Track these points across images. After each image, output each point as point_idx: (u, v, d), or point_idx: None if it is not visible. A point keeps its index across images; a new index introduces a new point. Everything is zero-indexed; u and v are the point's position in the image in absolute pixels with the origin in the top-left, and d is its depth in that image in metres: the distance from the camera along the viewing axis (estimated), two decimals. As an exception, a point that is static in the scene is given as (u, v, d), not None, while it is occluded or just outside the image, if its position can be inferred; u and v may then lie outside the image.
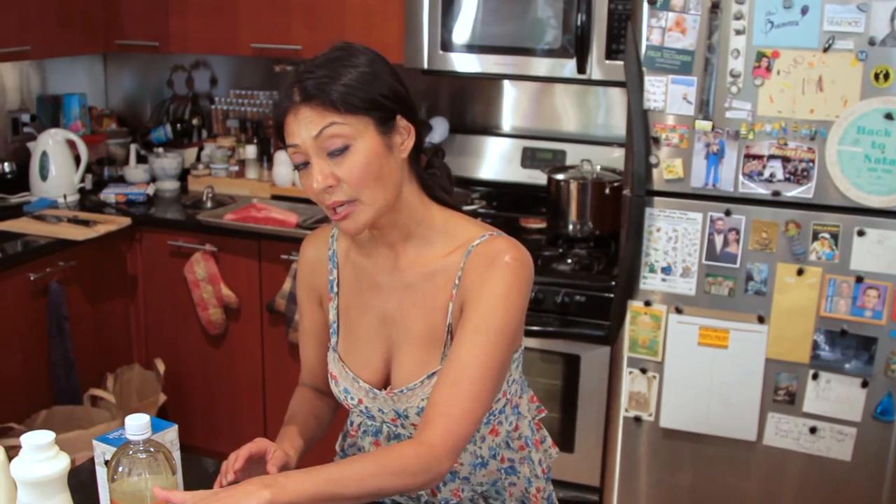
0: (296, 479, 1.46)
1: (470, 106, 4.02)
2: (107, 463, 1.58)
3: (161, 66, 4.52)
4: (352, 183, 1.58)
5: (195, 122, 4.39)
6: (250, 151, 4.11)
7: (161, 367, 3.70)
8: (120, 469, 1.43)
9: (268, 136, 4.16)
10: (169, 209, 3.92)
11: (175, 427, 1.66)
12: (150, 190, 4.01)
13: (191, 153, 4.30)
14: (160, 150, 4.22)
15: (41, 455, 1.35)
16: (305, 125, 1.57)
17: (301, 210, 3.72)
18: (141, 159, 4.24)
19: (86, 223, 3.57)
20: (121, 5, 4.00)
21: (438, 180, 1.77)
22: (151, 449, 1.44)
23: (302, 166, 1.62)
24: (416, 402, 1.70)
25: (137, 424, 1.42)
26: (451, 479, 1.78)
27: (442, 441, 1.56)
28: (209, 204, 3.89)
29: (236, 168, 4.14)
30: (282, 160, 3.99)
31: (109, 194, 3.95)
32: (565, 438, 3.21)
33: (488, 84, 3.94)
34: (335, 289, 1.82)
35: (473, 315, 1.62)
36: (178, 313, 3.79)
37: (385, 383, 1.77)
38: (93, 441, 1.59)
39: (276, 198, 3.97)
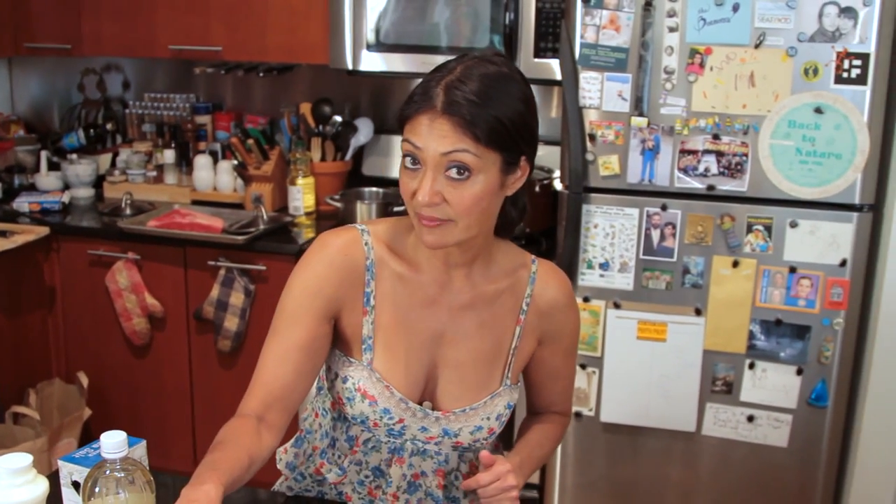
0: (526, 458, 1.81)
1: (394, 106, 3.99)
2: (75, 484, 1.51)
3: (70, 70, 4.38)
4: (457, 209, 1.51)
5: (109, 126, 4.26)
6: (168, 156, 4.01)
7: (84, 380, 3.58)
8: (97, 489, 1.37)
9: (186, 140, 4.07)
10: (86, 217, 3.79)
11: (143, 443, 1.61)
12: (66, 198, 3.88)
13: (105, 159, 4.17)
14: (73, 156, 4.09)
15: (20, 479, 1.29)
16: (438, 138, 1.48)
17: (226, 215, 3.64)
18: (52, 166, 4.10)
19: (2, 234, 3.44)
20: (30, 7, 3.86)
21: (512, 212, 1.70)
22: (129, 467, 1.39)
23: (411, 164, 1.53)
24: (476, 420, 1.70)
25: (114, 442, 1.37)
26: (471, 493, 1.73)
27: (569, 415, 1.99)
28: (128, 211, 3.78)
29: (154, 173, 4.04)
30: (202, 164, 3.90)
31: (23, 203, 3.80)
32: (502, 435, 3.20)
33: (411, 83, 3.91)
34: (371, 302, 1.68)
35: (569, 342, 1.85)
36: (100, 324, 3.68)
37: (422, 400, 1.71)
38: (58, 461, 1.53)
39: (196, 203, 3.88)
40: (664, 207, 2.86)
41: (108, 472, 1.38)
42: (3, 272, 3.46)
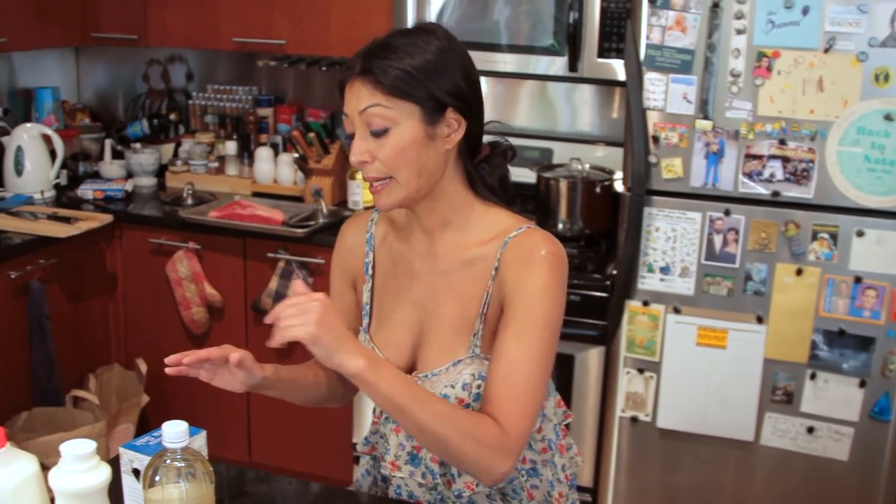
0: (390, 372, 1.56)
1: (455, 103, 3.97)
2: (136, 471, 1.53)
3: (135, 60, 4.43)
4: (385, 163, 1.62)
5: (172, 117, 4.30)
6: (230, 148, 4.04)
7: (143, 367, 3.62)
8: (157, 478, 1.38)
9: (248, 132, 4.10)
10: (148, 206, 3.84)
11: (203, 433, 1.62)
12: (129, 186, 3.93)
13: (168, 149, 4.22)
14: (137, 145, 4.14)
15: (83, 465, 1.30)
16: (356, 98, 1.61)
17: (286, 207, 3.66)
18: (116, 155, 4.15)
19: (67, 220, 3.49)
20: (98, -3, 3.92)
21: (486, 177, 1.76)
22: (189, 457, 1.40)
23: (350, 136, 1.66)
24: (438, 388, 1.70)
25: (176, 432, 1.38)
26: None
27: (507, 434, 1.58)
28: (189, 201, 3.82)
29: (216, 164, 4.07)
30: (263, 157, 3.93)
31: (87, 190, 3.86)
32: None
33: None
34: (370, 271, 1.84)
35: (516, 312, 1.63)
36: (159, 312, 3.72)
37: (412, 368, 1.77)
38: (120, 448, 1.54)
39: (256, 195, 3.91)
40: (727, 212, 2.82)
41: (168, 462, 1.39)
42: (67, 258, 3.51)
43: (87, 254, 3.61)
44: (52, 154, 3.90)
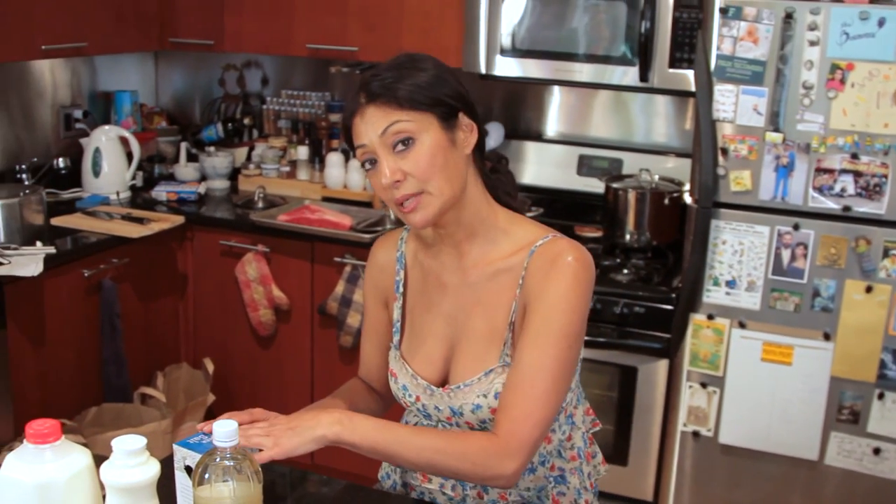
0: (365, 425, 1.60)
1: (524, 111, 3.98)
2: (188, 468, 1.55)
3: (212, 65, 4.51)
4: (418, 174, 1.62)
5: (246, 121, 4.37)
6: (302, 152, 4.09)
7: (210, 366, 3.68)
8: (207, 476, 1.40)
9: (320, 137, 4.14)
10: (220, 208, 3.90)
11: (255, 433, 1.63)
12: (202, 188, 4.00)
13: (241, 152, 4.29)
14: (211, 148, 4.21)
15: (133, 460, 1.32)
16: (371, 124, 1.62)
17: (354, 213, 3.70)
18: (191, 158, 4.23)
19: (139, 221, 3.56)
20: (176, 3, 3.99)
21: (503, 184, 1.80)
22: (238, 456, 1.42)
23: (370, 164, 1.65)
24: (471, 398, 1.71)
25: (226, 431, 1.39)
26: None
27: (505, 441, 1.60)
28: (260, 204, 3.87)
29: (287, 169, 4.13)
30: (334, 162, 3.97)
31: (161, 192, 3.94)
32: (619, 451, 3.17)
33: (543, 89, 3.90)
34: (401, 289, 1.85)
35: (535, 318, 1.64)
36: (227, 313, 3.78)
37: (444, 381, 1.79)
38: (174, 446, 1.57)
39: (327, 199, 3.95)
40: (796, 227, 2.78)
41: (217, 460, 1.40)
42: (139, 258, 3.58)
43: (158, 254, 3.68)
44: (129, 156, 3.99)
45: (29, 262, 3.06)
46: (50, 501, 1.32)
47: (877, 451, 2.80)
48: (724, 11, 2.75)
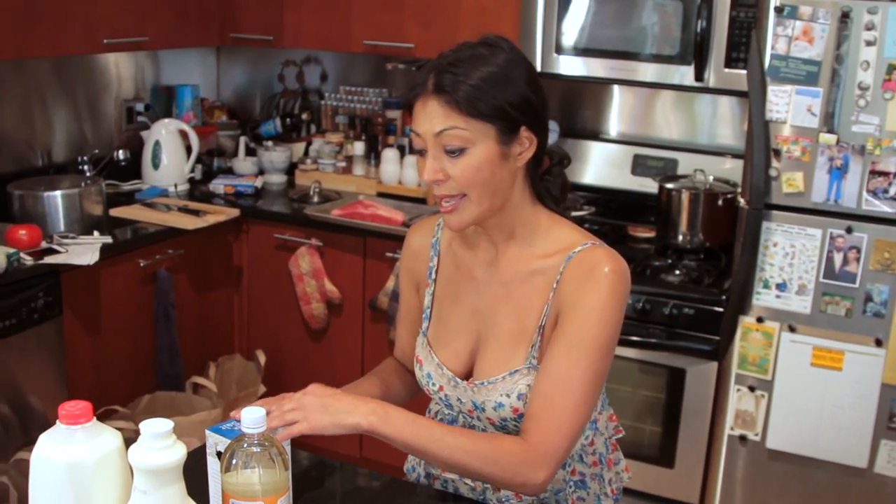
0: (401, 419, 1.60)
1: (581, 110, 3.96)
2: (219, 454, 1.58)
3: (272, 61, 4.57)
4: (460, 182, 1.62)
5: (304, 116, 4.41)
6: (358, 148, 4.12)
7: (262, 358, 3.72)
8: (234, 461, 1.42)
9: (376, 133, 4.17)
10: (276, 202, 3.95)
11: (287, 422, 1.65)
12: (259, 182, 4.05)
13: (299, 147, 4.33)
14: (269, 143, 4.26)
15: (159, 443, 1.35)
16: (430, 119, 1.61)
17: (407, 209, 3.71)
18: (249, 152, 4.28)
19: (196, 213, 3.62)
20: (236, 0, 4.05)
21: (551, 188, 1.77)
22: (266, 443, 1.44)
23: (420, 152, 1.66)
24: (494, 396, 1.71)
25: (254, 418, 1.41)
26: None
27: (534, 449, 1.60)
28: (316, 198, 3.91)
29: (343, 164, 4.16)
30: (389, 158, 3.99)
31: (218, 185, 4.00)
32: (665, 453, 3.14)
33: (599, 88, 3.88)
34: (433, 276, 1.85)
35: (569, 328, 1.63)
36: (280, 306, 3.82)
37: (468, 374, 1.79)
38: (206, 431, 1.59)
39: (382, 195, 3.97)
40: (849, 230, 2.73)
41: (245, 446, 1.43)
42: (196, 249, 3.64)
43: (214, 246, 3.74)
44: (189, 149, 4.06)
45: (85, 252, 3.12)
46: (79, 481, 1.36)
47: (928, 461, 2.75)
48: (779, 10, 2.72)
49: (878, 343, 2.74)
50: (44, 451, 1.37)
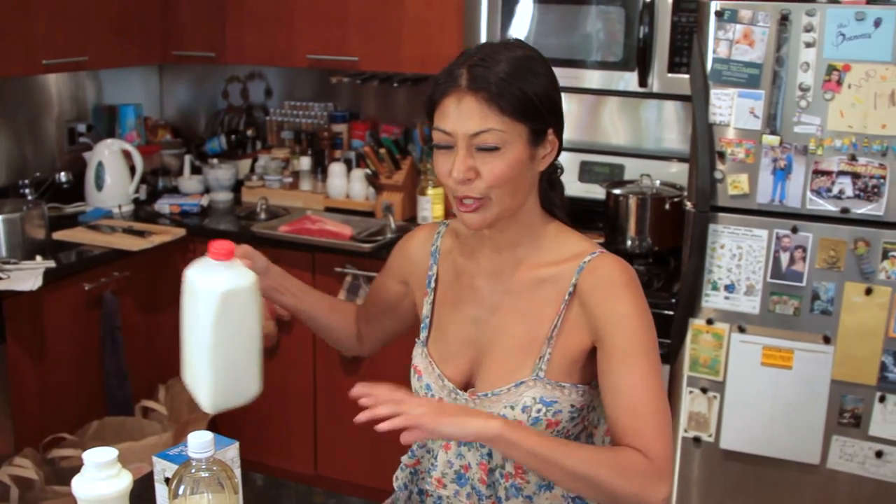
0: (524, 427, 1.56)
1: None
2: (167, 480, 1.55)
3: (216, 77, 4.53)
4: (489, 182, 1.59)
5: (250, 133, 4.38)
6: (304, 163, 4.10)
7: (213, 378, 3.67)
8: (182, 488, 1.40)
9: (322, 147, 4.14)
10: (223, 220, 3.91)
11: (236, 444, 1.63)
12: (205, 201, 4.01)
13: (245, 164, 4.29)
14: (215, 161, 4.22)
15: (104, 473, 1.32)
16: (466, 118, 1.58)
17: (356, 223, 3.70)
18: (195, 170, 4.24)
19: (141, 234, 3.57)
20: (178, 16, 4.01)
21: (554, 195, 1.77)
22: (214, 468, 1.41)
23: (443, 148, 1.62)
24: (497, 408, 1.68)
25: (200, 442, 1.39)
26: (514, 496, 1.73)
27: (656, 462, 1.54)
28: (263, 215, 3.88)
29: (290, 179, 4.13)
30: (336, 172, 3.97)
31: (164, 205, 3.95)
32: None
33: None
34: (432, 284, 1.83)
35: (616, 341, 1.61)
36: (230, 325, 3.77)
37: (468, 385, 1.76)
38: (153, 457, 1.57)
39: (329, 210, 3.96)
40: (795, 230, 2.75)
41: (192, 471, 1.40)
42: (142, 271, 3.59)
43: (160, 267, 3.69)
44: (133, 169, 4.01)
45: (28, 277, 3.07)
46: (234, 307, 1.52)
47: (879, 455, 2.77)
48: (719, 15, 2.73)
49: (827, 340, 2.76)
50: (199, 281, 1.56)
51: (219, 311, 1.48)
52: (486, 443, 1.54)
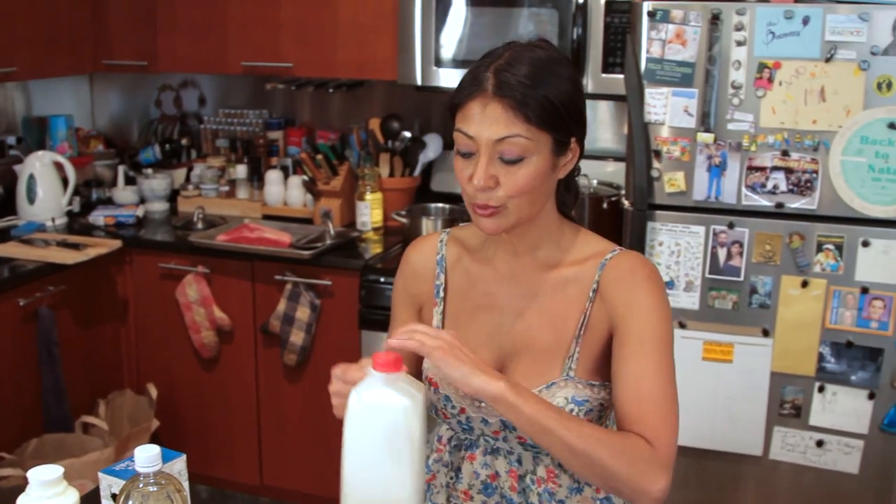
0: (528, 392, 1.49)
1: (463, 122, 3.98)
2: (114, 496, 1.52)
3: (148, 86, 4.47)
4: (510, 191, 1.56)
5: (184, 142, 4.33)
6: (241, 171, 4.07)
7: (153, 392, 3.63)
8: (130, 503, 1.37)
9: (258, 155, 4.12)
10: (159, 231, 3.86)
11: (183, 457, 1.61)
12: (140, 211, 3.95)
13: (180, 174, 4.25)
14: (149, 171, 4.17)
15: (49, 491, 1.30)
16: (491, 123, 1.53)
17: (294, 230, 3.67)
18: (129, 181, 4.18)
19: (76, 246, 3.51)
20: (108, 25, 3.95)
21: (569, 197, 1.74)
22: (162, 481, 1.39)
23: (465, 154, 1.58)
24: None
25: (147, 456, 1.37)
26: (548, 500, 1.70)
27: (658, 449, 1.51)
28: (200, 225, 3.84)
29: (227, 188, 4.09)
30: (273, 179, 3.95)
31: (98, 217, 3.89)
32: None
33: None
34: (441, 294, 1.78)
35: (630, 331, 1.59)
36: (170, 337, 3.73)
37: None
38: (98, 473, 1.54)
39: (267, 217, 3.93)
40: (731, 225, 2.79)
41: (140, 486, 1.38)
42: (77, 284, 3.53)
43: (96, 280, 3.63)
44: (65, 181, 3.94)
45: (-40, 293, 3.00)
46: (411, 422, 1.39)
47: (819, 444, 2.82)
48: (651, 15, 2.77)
49: (766, 333, 2.81)
50: (377, 398, 1.40)
51: (402, 427, 1.40)
52: (488, 401, 1.48)
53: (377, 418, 1.39)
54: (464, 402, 1.70)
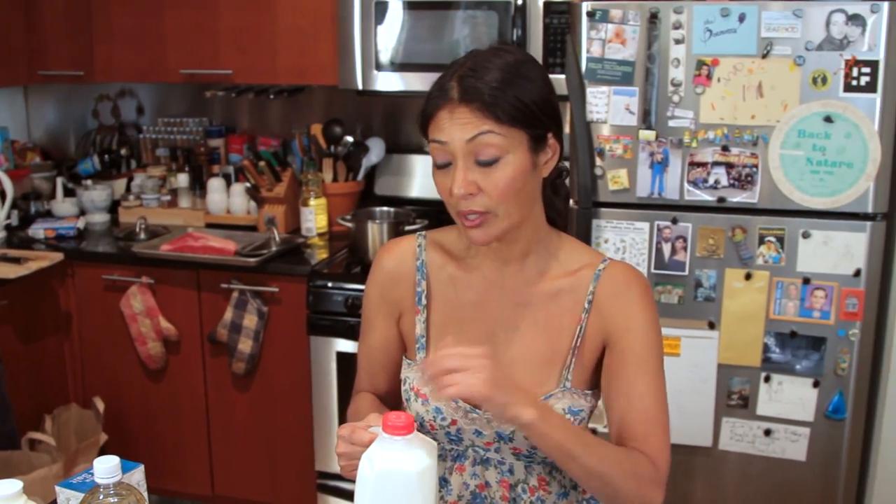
0: (557, 418, 1.50)
1: (404, 125, 3.99)
2: (72, 509, 1.51)
3: (85, 96, 4.42)
4: (493, 196, 1.54)
5: (123, 152, 4.29)
6: (182, 180, 4.03)
7: (100, 405, 3.58)
8: (91, 515, 1.36)
9: (199, 163, 4.08)
10: (101, 242, 3.81)
11: (142, 467, 1.60)
12: (81, 223, 3.90)
13: (120, 184, 4.20)
14: (88, 182, 4.12)
15: (9, 506, 1.28)
16: (460, 126, 1.52)
17: (238, 237, 3.65)
18: (68, 192, 4.12)
19: (16, 260, 3.45)
20: (43, 35, 3.89)
21: (558, 201, 1.74)
22: (123, 492, 1.38)
23: (442, 165, 1.57)
24: None
25: (107, 467, 1.36)
26: None
27: (659, 469, 1.56)
28: (142, 235, 3.80)
29: (168, 198, 4.05)
30: (215, 187, 3.92)
31: (38, 230, 3.83)
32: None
33: (421, 102, 3.90)
34: (423, 301, 1.74)
35: (632, 348, 1.61)
36: (115, 349, 3.68)
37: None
38: (56, 487, 1.52)
39: (210, 226, 3.90)
40: (675, 221, 2.83)
41: (101, 498, 1.37)
42: (19, 298, 3.47)
43: (39, 293, 3.58)
44: (2, 195, 3.87)
45: None
46: (426, 486, 1.36)
47: (767, 433, 2.87)
48: (591, 15, 2.80)
49: (711, 326, 2.85)
50: (392, 463, 1.36)
51: (417, 491, 1.37)
52: (518, 428, 1.50)
53: (391, 484, 1.37)
54: (456, 415, 1.68)
